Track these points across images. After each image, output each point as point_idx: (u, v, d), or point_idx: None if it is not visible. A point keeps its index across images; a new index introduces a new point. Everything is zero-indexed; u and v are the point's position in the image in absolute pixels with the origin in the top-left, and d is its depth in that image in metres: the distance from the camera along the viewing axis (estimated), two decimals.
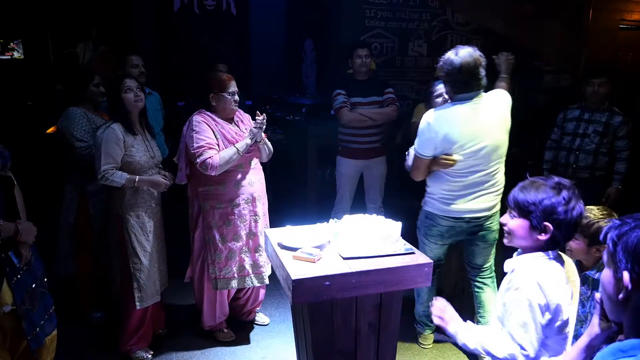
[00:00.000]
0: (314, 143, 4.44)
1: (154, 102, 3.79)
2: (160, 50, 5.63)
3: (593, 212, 1.92)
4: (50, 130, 4.47)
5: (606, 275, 0.96)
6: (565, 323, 1.47)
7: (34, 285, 2.04)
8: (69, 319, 2.82)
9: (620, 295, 0.90)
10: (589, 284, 1.95)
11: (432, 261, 1.30)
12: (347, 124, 3.73)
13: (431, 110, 2.53)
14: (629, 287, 0.88)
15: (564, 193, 1.50)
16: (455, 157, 2.41)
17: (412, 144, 4.01)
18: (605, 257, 0.96)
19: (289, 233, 1.99)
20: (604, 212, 1.93)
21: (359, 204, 3.97)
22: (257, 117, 2.69)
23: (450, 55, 2.40)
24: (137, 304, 2.61)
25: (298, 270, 1.64)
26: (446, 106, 2.49)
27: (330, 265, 1.71)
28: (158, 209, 2.75)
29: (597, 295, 1.07)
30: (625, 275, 0.88)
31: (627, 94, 4.67)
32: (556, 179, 1.54)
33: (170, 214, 3.02)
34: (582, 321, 1.92)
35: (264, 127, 2.71)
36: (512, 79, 2.78)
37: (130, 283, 2.61)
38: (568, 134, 3.56)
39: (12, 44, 6.60)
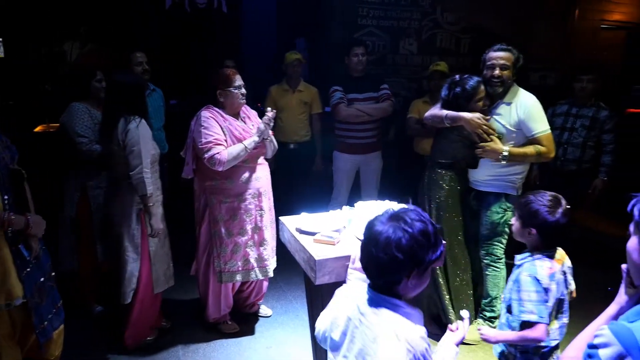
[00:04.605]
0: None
1: (157, 98, 3.81)
2: (150, 49, 5.60)
3: (540, 196, 1.84)
4: (38, 129, 4.43)
5: (632, 242, 1.04)
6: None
7: (42, 279, 2.06)
8: (71, 313, 2.82)
9: None
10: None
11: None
12: (344, 120, 3.81)
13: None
14: None
15: (553, 202, 1.74)
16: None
17: (407, 139, 4.14)
18: (631, 227, 1.05)
19: (305, 219, 2.06)
20: (551, 200, 1.81)
21: (354, 199, 4.04)
22: (266, 114, 2.73)
23: None
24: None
25: (320, 252, 1.71)
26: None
27: (350, 246, 1.78)
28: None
29: (624, 266, 1.15)
30: None
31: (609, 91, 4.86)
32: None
33: (175, 208, 3.05)
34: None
35: (272, 124, 2.75)
36: None
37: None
38: (556, 128, 3.70)
39: None
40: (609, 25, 6.54)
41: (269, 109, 2.76)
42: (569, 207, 1.79)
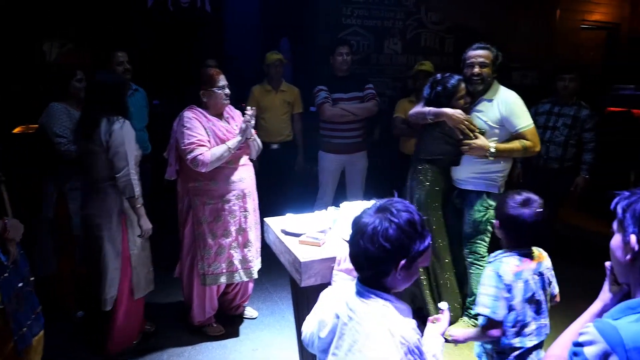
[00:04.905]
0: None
1: (140, 98, 3.75)
2: (133, 48, 5.52)
3: (515, 193, 1.84)
4: (17, 130, 4.33)
5: (615, 240, 1.05)
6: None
7: (20, 285, 2.00)
8: (51, 318, 2.76)
9: (628, 257, 0.99)
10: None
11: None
12: (329, 119, 3.80)
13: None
14: (636, 248, 0.97)
15: (523, 200, 1.75)
16: None
17: (393, 138, 4.15)
18: (615, 224, 1.06)
19: (290, 221, 2.04)
20: (522, 198, 1.80)
21: (340, 200, 4.03)
22: (246, 113, 2.70)
23: None
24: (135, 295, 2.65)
25: (305, 253, 1.69)
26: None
27: (335, 248, 1.77)
28: None
29: (607, 263, 1.17)
30: (633, 238, 0.98)
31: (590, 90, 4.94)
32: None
33: (158, 210, 3.00)
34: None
35: (253, 122, 2.72)
36: None
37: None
38: (539, 127, 3.72)
39: None
40: (589, 25, 6.65)
41: (249, 107, 2.73)
42: (540, 210, 1.76)
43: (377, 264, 1.25)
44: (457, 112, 2.62)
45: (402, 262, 1.24)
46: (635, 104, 5.46)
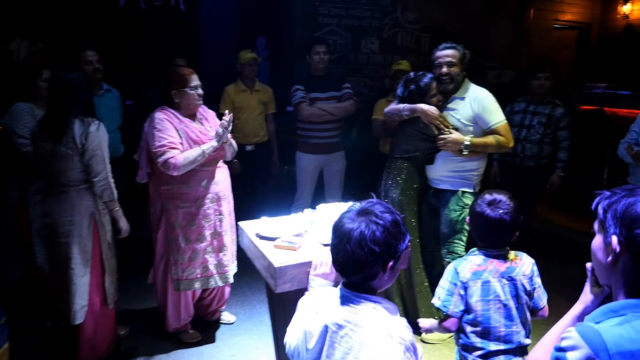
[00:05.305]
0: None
1: (112, 99, 3.64)
2: (105, 48, 5.38)
3: (490, 191, 1.82)
4: None
5: (597, 241, 1.03)
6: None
7: None
8: (19, 329, 2.65)
9: (609, 258, 0.97)
10: None
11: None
12: (307, 119, 3.76)
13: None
14: (617, 249, 0.95)
15: (492, 198, 1.74)
16: None
17: (371, 139, 4.13)
18: (596, 225, 1.03)
19: (265, 224, 1.98)
20: (491, 197, 1.78)
21: (318, 200, 4.00)
22: (224, 118, 2.62)
23: None
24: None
25: (280, 258, 1.64)
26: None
27: (311, 252, 1.72)
28: None
29: (588, 264, 1.14)
30: (614, 239, 0.95)
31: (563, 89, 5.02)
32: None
33: (132, 214, 2.91)
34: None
35: (230, 127, 2.65)
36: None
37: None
38: (515, 125, 3.76)
39: None
40: (561, 25, 6.77)
41: (226, 112, 2.65)
42: (508, 212, 1.72)
43: (366, 267, 1.24)
44: (432, 108, 2.65)
45: (391, 263, 1.25)
46: (608, 102, 5.57)
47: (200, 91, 2.66)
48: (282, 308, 1.78)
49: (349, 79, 4.17)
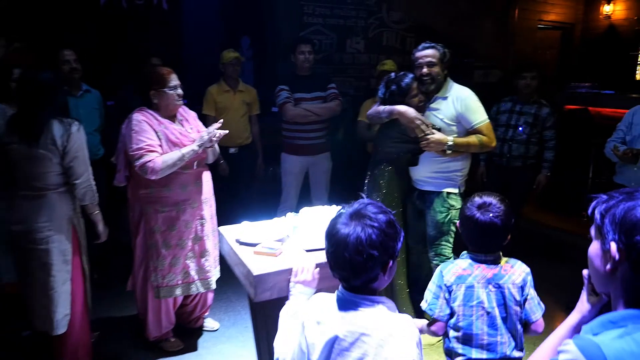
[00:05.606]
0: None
1: (91, 100, 3.53)
2: (86, 48, 5.26)
3: (480, 193, 1.77)
4: None
5: (594, 248, 0.96)
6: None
7: None
8: None
9: (608, 266, 0.91)
10: None
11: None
12: (292, 120, 3.69)
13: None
14: (616, 257, 0.88)
15: (481, 201, 1.69)
16: None
17: (358, 140, 4.08)
18: (592, 230, 0.97)
19: (246, 229, 1.91)
20: (481, 199, 1.74)
21: (304, 202, 3.93)
22: (214, 130, 2.51)
23: None
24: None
25: (260, 265, 1.57)
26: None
27: (293, 258, 1.65)
28: None
29: (585, 271, 1.08)
30: (613, 246, 0.89)
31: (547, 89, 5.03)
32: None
33: (111, 218, 2.81)
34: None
35: (219, 135, 2.54)
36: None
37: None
38: (501, 125, 3.75)
39: None
40: (545, 25, 6.80)
41: (215, 121, 2.57)
42: (499, 215, 1.67)
43: (366, 272, 1.22)
44: (409, 109, 2.59)
45: (390, 263, 1.24)
46: (592, 101, 5.60)
47: (179, 91, 2.57)
48: (263, 317, 1.71)
49: (334, 79, 4.11)
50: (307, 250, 1.73)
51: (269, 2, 4.99)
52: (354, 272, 1.22)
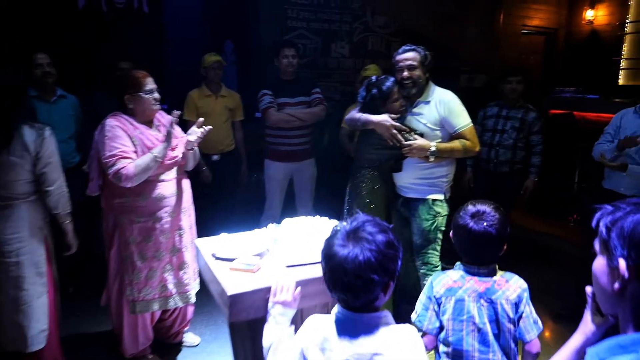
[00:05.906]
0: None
1: (67, 106, 3.39)
2: (63, 52, 5.11)
3: (474, 201, 1.69)
4: None
5: (599, 264, 0.88)
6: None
7: None
8: None
9: (616, 285, 0.82)
10: None
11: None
12: (275, 125, 3.59)
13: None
14: (626, 275, 0.80)
15: (475, 210, 1.62)
16: None
17: (341, 146, 3.99)
18: (597, 245, 0.88)
19: (224, 242, 1.80)
20: (474, 208, 1.66)
21: (289, 209, 3.83)
22: (199, 129, 2.45)
23: None
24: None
25: (235, 283, 1.46)
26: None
27: (272, 275, 1.55)
28: None
29: (589, 288, 1.00)
30: (622, 263, 0.80)
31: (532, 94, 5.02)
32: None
33: (85, 228, 2.68)
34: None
35: (201, 133, 2.46)
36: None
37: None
38: (488, 130, 3.70)
39: None
40: (529, 30, 6.83)
41: (205, 127, 2.47)
42: (493, 224, 1.59)
43: (366, 294, 1.19)
44: (384, 119, 2.50)
45: (391, 284, 1.21)
46: (576, 106, 5.61)
47: (156, 95, 2.46)
48: (241, 338, 1.60)
49: (318, 83, 4.03)
50: (288, 266, 1.63)
51: (253, 6, 4.91)
52: (353, 295, 1.19)
